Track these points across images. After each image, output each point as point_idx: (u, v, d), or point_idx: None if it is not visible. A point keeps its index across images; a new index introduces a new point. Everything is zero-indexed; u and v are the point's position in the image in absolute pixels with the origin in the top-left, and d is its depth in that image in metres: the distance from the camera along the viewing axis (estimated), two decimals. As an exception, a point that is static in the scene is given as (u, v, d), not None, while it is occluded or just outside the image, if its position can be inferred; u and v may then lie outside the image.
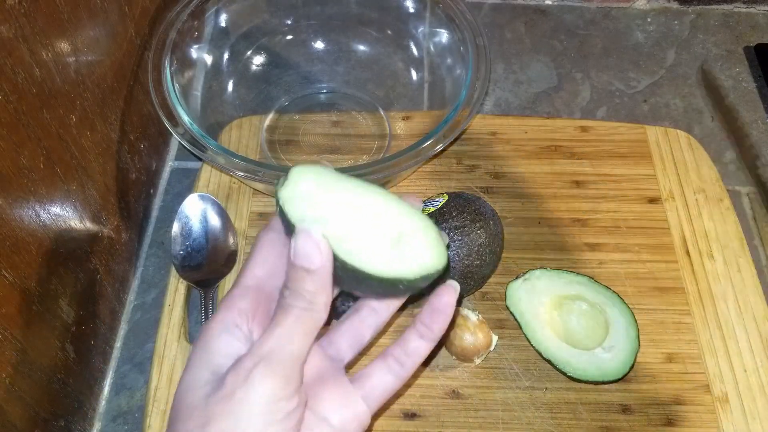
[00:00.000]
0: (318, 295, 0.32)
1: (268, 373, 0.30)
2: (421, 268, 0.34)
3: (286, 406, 0.31)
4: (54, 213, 0.46)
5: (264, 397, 0.30)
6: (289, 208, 0.34)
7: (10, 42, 0.39)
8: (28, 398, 0.44)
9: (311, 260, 0.32)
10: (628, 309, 0.53)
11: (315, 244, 0.32)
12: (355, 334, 0.37)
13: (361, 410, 0.35)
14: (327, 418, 0.34)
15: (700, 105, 0.74)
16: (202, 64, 0.64)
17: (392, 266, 0.34)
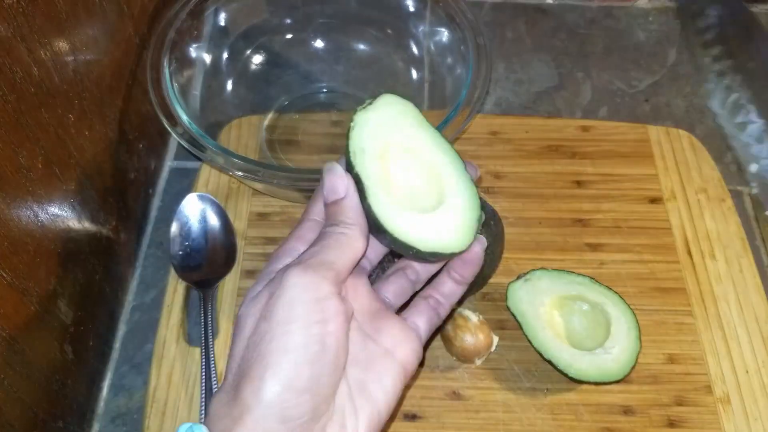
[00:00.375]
0: (348, 219, 0.35)
1: (300, 272, 0.32)
2: (436, 245, 0.36)
3: (324, 308, 0.31)
4: (52, 213, 0.45)
5: (299, 294, 0.31)
6: (356, 133, 0.37)
7: (8, 41, 0.39)
8: (26, 399, 0.43)
9: (337, 192, 0.35)
10: (629, 309, 0.53)
11: (339, 178, 0.36)
12: (399, 286, 0.40)
13: (416, 345, 0.37)
14: (391, 351, 0.36)
15: (702, 104, 0.74)
16: (201, 64, 0.64)
17: (411, 230, 0.36)
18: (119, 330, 0.58)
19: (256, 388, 0.30)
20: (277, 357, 0.30)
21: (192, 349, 0.55)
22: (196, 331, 0.57)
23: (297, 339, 0.30)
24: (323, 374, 0.31)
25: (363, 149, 0.36)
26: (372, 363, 0.35)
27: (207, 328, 0.54)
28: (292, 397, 0.30)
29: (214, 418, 0.31)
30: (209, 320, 0.54)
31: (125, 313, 0.59)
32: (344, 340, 0.33)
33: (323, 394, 0.31)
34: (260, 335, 0.31)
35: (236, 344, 0.32)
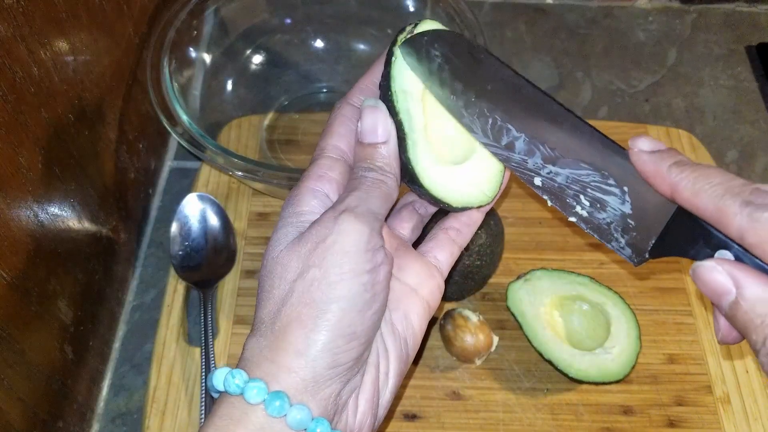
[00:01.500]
0: (387, 166, 0.34)
1: (354, 220, 0.31)
2: (467, 200, 0.36)
3: (374, 258, 0.31)
4: (52, 213, 0.45)
5: (353, 242, 0.31)
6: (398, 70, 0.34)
7: (8, 41, 0.39)
8: (26, 399, 0.43)
9: (377, 134, 0.33)
10: (629, 309, 0.53)
11: (383, 120, 0.33)
12: (412, 221, 0.39)
13: (439, 279, 0.37)
14: (415, 289, 0.35)
15: (702, 104, 0.74)
16: (201, 64, 0.64)
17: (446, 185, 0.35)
18: (119, 330, 0.58)
19: (309, 334, 0.30)
20: (330, 304, 0.30)
21: (192, 349, 0.55)
22: (196, 331, 0.57)
23: (350, 287, 0.30)
24: (372, 320, 0.32)
25: (406, 91, 0.35)
26: (398, 302, 0.35)
27: (207, 328, 0.54)
28: (343, 343, 0.30)
29: (251, 363, 0.31)
30: (209, 320, 0.54)
31: (125, 313, 0.59)
32: (388, 289, 0.33)
33: (369, 340, 0.32)
34: (310, 281, 0.30)
35: (275, 288, 0.31)
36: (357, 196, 0.32)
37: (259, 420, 0.29)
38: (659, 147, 0.31)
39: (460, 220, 0.39)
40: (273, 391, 0.29)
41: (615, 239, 0.33)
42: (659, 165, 0.30)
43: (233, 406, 0.30)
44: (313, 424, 0.30)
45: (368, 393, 0.33)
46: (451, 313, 0.54)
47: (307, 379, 0.30)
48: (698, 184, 0.28)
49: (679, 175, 0.29)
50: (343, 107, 0.36)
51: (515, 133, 0.34)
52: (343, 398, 0.31)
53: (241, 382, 0.30)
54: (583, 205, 0.33)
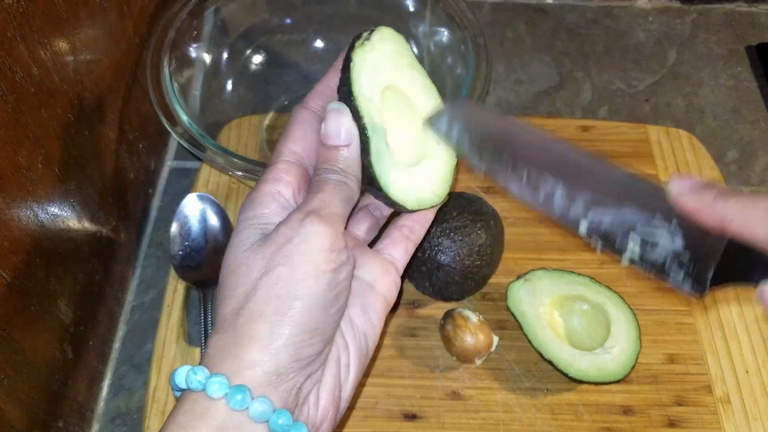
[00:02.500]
0: (349, 168, 0.35)
1: (320, 222, 0.32)
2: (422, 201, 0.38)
3: (338, 258, 0.33)
4: (52, 213, 0.45)
5: (318, 243, 0.32)
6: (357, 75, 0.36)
7: (8, 41, 0.39)
8: (26, 399, 0.43)
9: (340, 138, 0.35)
10: (629, 309, 0.53)
11: (346, 124, 0.35)
12: (368, 223, 0.40)
13: (395, 275, 0.38)
14: (372, 285, 0.37)
15: (702, 104, 0.74)
16: (201, 64, 0.64)
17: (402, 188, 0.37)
18: (119, 330, 0.58)
19: (273, 328, 0.31)
20: (295, 300, 0.31)
21: (192, 349, 0.55)
22: (196, 331, 0.57)
23: (315, 284, 0.31)
24: (334, 318, 0.33)
25: (367, 97, 0.36)
26: (356, 298, 0.36)
27: (207, 328, 0.54)
28: (306, 338, 0.31)
29: (215, 359, 0.31)
30: (209, 320, 0.54)
31: (125, 313, 0.59)
32: (350, 287, 0.35)
33: (331, 335, 0.33)
34: (275, 279, 0.31)
35: (239, 286, 0.32)
36: (321, 198, 0.33)
37: (222, 414, 0.30)
38: (697, 183, 0.31)
39: (413, 218, 0.40)
40: (234, 385, 0.30)
41: (672, 275, 0.33)
42: (702, 201, 0.30)
43: (195, 402, 0.30)
44: (274, 415, 0.30)
45: (329, 386, 0.34)
46: (451, 313, 0.54)
47: (269, 372, 0.31)
48: (746, 213, 0.29)
49: (724, 207, 0.30)
50: (300, 112, 0.38)
51: (552, 183, 0.35)
52: (304, 392, 0.32)
53: (203, 378, 0.30)
54: (633, 247, 0.33)
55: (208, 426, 0.30)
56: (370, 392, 0.53)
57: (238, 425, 0.30)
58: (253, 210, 0.34)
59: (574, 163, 0.34)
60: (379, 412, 0.52)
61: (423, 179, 0.38)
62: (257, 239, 0.33)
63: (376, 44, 0.37)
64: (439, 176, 0.39)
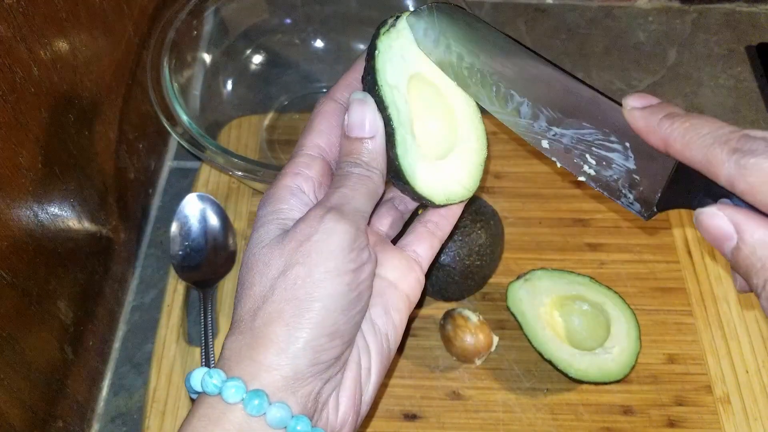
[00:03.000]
0: (373, 162, 0.33)
1: (340, 219, 0.31)
2: (449, 196, 0.36)
3: (359, 257, 0.31)
4: (52, 213, 0.45)
5: (338, 242, 0.30)
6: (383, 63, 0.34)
7: (8, 41, 0.39)
8: (26, 399, 0.43)
9: (364, 129, 0.33)
10: (629, 309, 0.53)
11: (371, 115, 0.33)
12: (392, 217, 0.39)
13: (419, 273, 0.37)
14: (395, 284, 0.35)
15: (702, 104, 0.74)
16: (201, 64, 0.64)
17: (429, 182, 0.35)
18: (119, 330, 0.58)
19: (291, 331, 0.30)
20: (313, 302, 0.30)
21: (192, 349, 0.55)
22: (196, 331, 0.57)
23: (334, 285, 0.30)
24: (355, 319, 0.32)
25: (393, 86, 0.34)
26: (378, 297, 0.34)
27: (207, 328, 0.54)
28: (325, 341, 0.30)
29: (231, 362, 0.30)
30: (209, 320, 0.54)
31: (125, 312, 0.59)
32: (372, 288, 0.33)
33: (351, 338, 0.32)
34: (293, 279, 0.30)
35: (255, 284, 0.31)
36: (343, 193, 0.32)
37: (238, 419, 0.29)
38: (651, 102, 0.30)
39: (440, 213, 0.38)
40: (252, 390, 0.29)
41: (624, 195, 0.33)
42: (650, 120, 0.29)
43: (211, 407, 0.30)
44: (293, 421, 0.29)
45: (349, 390, 0.32)
46: (451, 313, 0.54)
47: (287, 377, 0.30)
48: (688, 135, 0.28)
49: (669, 128, 0.28)
50: (325, 103, 0.36)
51: (518, 98, 0.34)
52: (323, 396, 0.31)
53: (219, 382, 0.29)
54: (590, 164, 0.33)
55: (224, 431, 0.29)
56: (370, 392, 0.53)
57: (255, 431, 0.29)
58: (272, 205, 0.33)
59: (542, 78, 0.33)
60: (379, 412, 0.52)
61: (451, 172, 0.36)
62: (276, 235, 0.32)
63: (402, 30, 0.35)
64: (469, 169, 0.37)
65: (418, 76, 0.36)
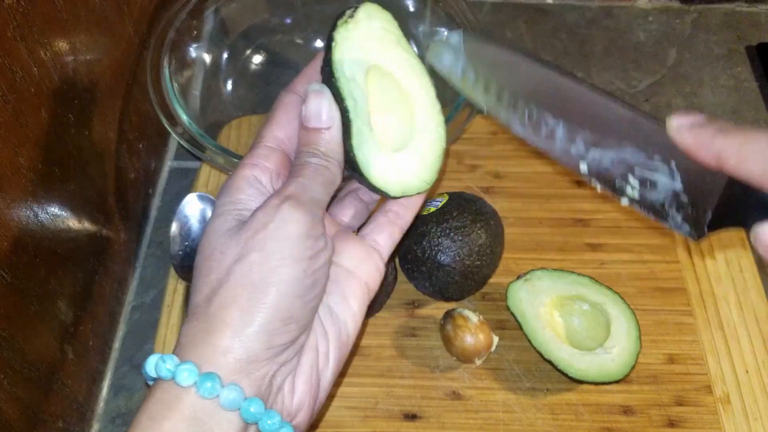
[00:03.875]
0: (330, 152, 0.34)
1: (297, 208, 0.31)
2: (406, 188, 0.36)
3: (315, 245, 0.32)
4: (52, 213, 0.45)
5: (295, 229, 0.31)
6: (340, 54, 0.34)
7: (8, 41, 0.39)
8: (26, 399, 0.43)
9: (321, 120, 0.34)
10: (629, 309, 0.53)
11: (327, 105, 0.34)
12: (355, 208, 0.39)
13: (378, 262, 0.37)
14: (353, 272, 0.35)
15: (702, 104, 0.74)
16: (201, 64, 0.64)
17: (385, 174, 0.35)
18: (119, 330, 0.58)
19: (245, 315, 0.30)
20: (269, 287, 0.30)
21: (192, 349, 0.55)
22: (196, 331, 0.57)
23: (290, 271, 0.31)
24: (310, 306, 0.32)
25: (350, 78, 0.34)
26: (335, 285, 0.35)
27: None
28: (280, 325, 0.31)
29: (185, 347, 0.31)
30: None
31: (125, 313, 0.59)
32: (328, 275, 0.34)
33: (307, 324, 0.32)
34: (248, 265, 0.31)
35: (212, 272, 0.32)
36: (300, 183, 0.33)
37: (192, 403, 0.29)
38: (698, 119, 0.30)
39: (400, 202, 0.39)
40: (204, 373, 0.29)
41: (671, 217, 0.32)
42: (701, 136, 0.29)
43: (166, 391, 0.30)
44: (245, 403, 0.30)
45: (306, 375, 0.33)
46: (451, 313, 0.54)
47: (241, 359, 0.30)
48: (744, 148, 0.27)
49: (722, 143, 0.28)
50: (285, 95, 0.36)
51: (553, 122, 0.34)
52: (278, 380, 0.32)
53: (172, 366, 0.30)
54: (632, 186, 0.32)
55: (179, 414, 0.29)
56: (370, 392, 0.53)
57: (210, 413, 0.29)
58: (229, 196, 0.33)
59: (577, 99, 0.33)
60: (379, 412, 0.52)
61: (409, 164, 0.36)
62: (233, 225, 0.32)
63: (361, 21, 0.35)
64: (427, 161, 0.37)
65: (377, 68, 0.36)
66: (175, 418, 0.29)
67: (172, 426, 0.29)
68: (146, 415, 0.30)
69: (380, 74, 0.36)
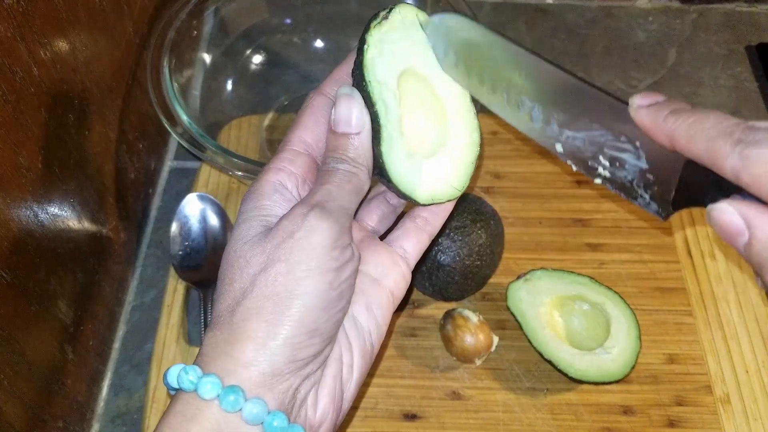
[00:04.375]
0: (359, 158, 0.33)
1: (324, 217, 0.31)
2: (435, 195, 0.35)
3: (341, 256, 0.31)
4: (52, 213, 0.45)
5: (321, 239, 0.30)
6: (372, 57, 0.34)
7: (8, 41, 0.39)
8: (26, 399, 0.43)
9: (350, 125, 0.33)
10: (629, 309, 0.53)
11: (358, 110, 0.33)
12: (382, 212, 0.38)
13: (404, 269, 0.36)
14: (379, 280, 0.35)
15: (702, 104, 0.74)
16: (201, 64, 0.64)
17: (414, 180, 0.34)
18: (119, 330, 0.58)
19: (269, 327, 0.30)
20: (294, 299, 0.30)
21: (192, 349, 0.55)
22: (196, 330, 0.57)
23: (315, 283, 0.30)
24: (336, 318, 0.31)
25: (381, 81, 0.34)
26: (360, 294, 0.34)
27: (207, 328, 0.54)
28: (305, 339, 0.30)
29: (208, 358, 0.30)
30: (209, 320, 0.54)
31: (125, 313, 0.59)
32: (354, 287, 0.33)
33: (332, 336, 0.32)
34: (273, 275, 0.30)
35: (236, 281, 0.31)
36: (327, 190, 0.32)
37: (214, 416, 0.29)
38: (657, 99, 0.30)
39: (429, 209, 0.38)
40: (227, 386, 0.29)
41: (640, 196, 0.32)
42: (656, 117, 0.29)
43: (188, 403, 0.29)
44: (269, 417, 0.29)
45: (330, 387, 0.32)
46: (451, 313, 0.54)
47: (265, 373, 0.29)
48: (692, 129, 0.27)
49: (674, 123, 0.28)
50: (314, 98, 0.36)
51: (529, 103, 0.34)
52: (301, 393, 0.31)
53: (195, 378, 0.29)
54: (603, 166, 0.32)
55: (200, 427, 0.29)
56: (370, 392, 0.53)
57: (232, 427, 0.29)
58: (255, 201, 0.33)
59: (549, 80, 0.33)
60: (379, 412, 0.52)
61: (439, 171, 0.35)
62: (258, 232, 0.31)
63: (395, 23, 0.34)
64: (458, 168, 0.36)
65: (410, 71, 0.35)
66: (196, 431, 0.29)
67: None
68: (167, 426, 0.29)
69: (414, 77, 0.36)
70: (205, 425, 0.29)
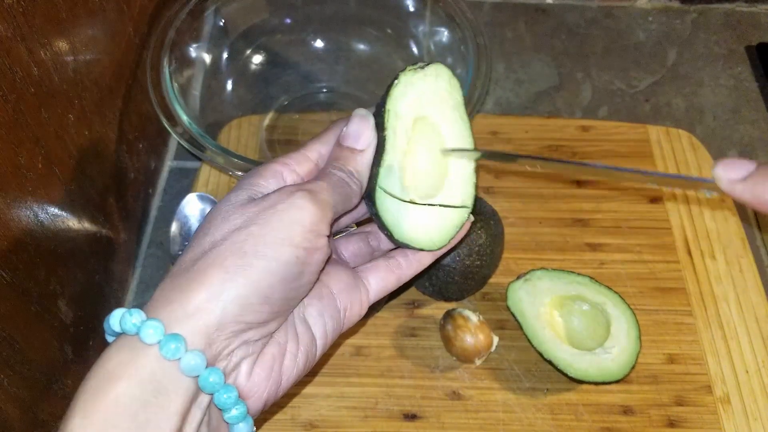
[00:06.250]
0: (357, 173, 0.35)
1: (310, 199, 0.32)
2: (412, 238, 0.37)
3: (315, 240, 0.32)
4: (52, 213, 0.45)
5: (301, 217, 0.31)
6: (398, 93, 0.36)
7: (8, 41, 0.39)
8: (26, 399, 0.43)
9: (358, 141, 0.35)
10: (629, 309, 0.53)
11: (367, 129, 0.35)
12: (358, 247, 0.40)
13: (363, 298, 0.37)
14: (335, 295, 0.36)
15: (702, 104, 0.74)
16: (201, 64, 0.64)
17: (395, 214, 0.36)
18: (119, 330, 0.58)
19: (227, 278, 0.30)
20: (258, 260, 0.30)
21: (192, 349, 0.55)
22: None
23: (283, 253, 0.31)
24: (289, 296, 0.32)
25: (398, 114, 0.36)
26: (318, 300, 0.35)
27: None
28: (255, 302, 0.30)
29: (156, 304, 0.30)
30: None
31: (125, 313, 0.59)
32: (317, 276, 0.34)
33: (280, 312, 0.32)
34: (246, 234, 0.31)
35: (208, 235, 0.31)
36: (320, 184, 0.33)
37: (151, 363, 0.28)
38: (748, 169, 0.29)
39: (405, 254, 0.39)
40: (170, 333, 0.29)
41: None
42: (757, 192, 0.28)
43: (126, 347, 0.29)
44: (206, 372, 0.29)
45: (267, 365, 0.33)
46: (451, 313, 0.54)
47: (209, 325, 0.29)
48: None
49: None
50: (342, 120, 0.37)
51: None
52: (235, 358, 0.31)
53: (138, 321, 0.29)
54: None
55: (135, 373, 0.28)
56: (370, 392, 0.53)
57: (168, 377, 0.29)
58: (250, 178, 0.34)
59: None
60: (379, 412, 0.52)
61: (424, 218, 0.37)
62: (244, 198, 0.33)
63: (429, 75, 0.37)
64: (444, 223, 0.37)
65: (428, 120, 0.37)
66: (131, 377, 0.28)
67: (126, 386, 0.28)
68: (102, 370, 0.28)
69: (429, 127, 0.37)
70: (140, 372, 0.28)
